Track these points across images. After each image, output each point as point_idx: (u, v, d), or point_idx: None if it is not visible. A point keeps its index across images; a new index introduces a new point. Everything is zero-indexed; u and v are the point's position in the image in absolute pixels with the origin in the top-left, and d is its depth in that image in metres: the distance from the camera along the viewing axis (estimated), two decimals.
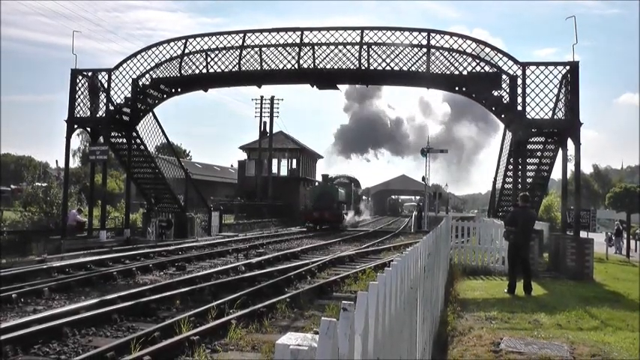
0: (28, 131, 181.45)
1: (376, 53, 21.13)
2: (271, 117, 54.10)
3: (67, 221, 23.53)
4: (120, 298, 10.55)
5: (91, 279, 13.40)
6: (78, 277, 13.35)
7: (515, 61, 19.62)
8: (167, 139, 27.40)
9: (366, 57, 21.13)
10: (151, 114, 25.34)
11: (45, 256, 17.43)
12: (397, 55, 20.85)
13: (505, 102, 19.76)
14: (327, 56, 21.59)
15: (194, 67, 23.07)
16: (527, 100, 19.15)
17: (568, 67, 18.90)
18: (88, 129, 25.17)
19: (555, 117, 19.15)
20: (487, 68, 19.98)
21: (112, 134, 24.66)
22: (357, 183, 52.23)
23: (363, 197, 63.52)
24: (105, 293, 11.54)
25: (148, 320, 9.58)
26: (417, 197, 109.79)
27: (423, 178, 51.04)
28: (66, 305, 10.41)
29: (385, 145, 69.56)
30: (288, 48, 22.00)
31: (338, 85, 24.28)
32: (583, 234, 19.87)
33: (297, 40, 21.95)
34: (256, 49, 22.29)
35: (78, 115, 23.68)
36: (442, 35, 20.57)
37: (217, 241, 24.89)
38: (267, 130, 54.34)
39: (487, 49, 20.09)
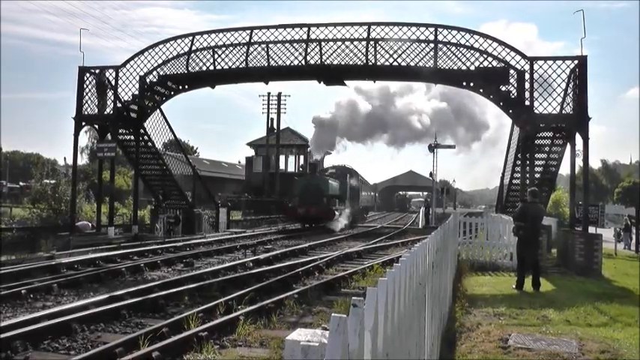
0: (37, 129, 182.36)
1: (383, 49, 21.10)
2: (278, 113, 54.17)
3: (77, 225, 23.58)
4: (128, 294, 10.58)
5: (99, 275, 13.44)
6: (86, 274, 13.39)
7: (523, 56, 19.55)
8: (175, 135, 27.45)
9: (374, 53, 21.09)
10: (158, 111, 25.39)
11: (54, 252, 17.52)
12: (404, 50, 20.82)
13: (513, 97, 19.69)
14: (334, 52, 21.57)
15: (201, 64, 23.10)
16: (535, 94, 19.09)
17: (576, 62, 18.79)
18: (96, 126, 25.19)
19: (563, 112, 19.07)
20: (495, 63, 19.90)
21: (120, 131, 24.71)
22: (354, 174, 45.17)
23: (370, 193, 62.83)
24: (113, 289, 11.56)
25: (156, 316, 9.61)
26: (425, 193, 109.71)
27: (431, 174, 50.87)
28: (75, 301, 10.45)
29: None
30: (295, 44, 21.99)
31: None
32: (591, 229, 19.77)
33: (304, 36, 21.93)
34: (263, 45, 22.29)
35: (86, 113, 23.74)
36: (449, 30, 20.51)
37: (225, 238, 24.90)
38: (275, 126, 54.34)
39: (495, 44, 20.01)
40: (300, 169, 57.78)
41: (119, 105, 23.81)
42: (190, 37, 23.27)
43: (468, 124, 34.27)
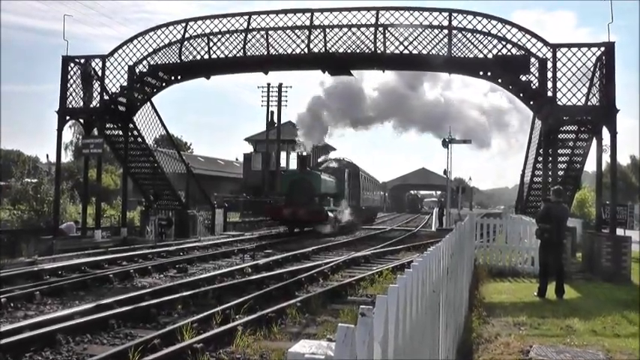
0: (17, 124, 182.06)
1: (393, 36, 21.09)
2: (279, 106, 54.05)
3: (61, 228, 23.64)
4: (117, 303, 10.59)
5: (85, 282, 13.47)
6: (71, 280, 13.41)
7: (545, 43, 19.51)
8: (167, 130, 27.50)
9: (382, 40, 21.09)
10: (148, 104, 25.44)
11: (36, 257, 17.54)
12: (416, 37, 20.80)
13: (534, 87, 19.68)
14: (339, 39, 21.57)
15: (195, 53, 23.14)
16: (558, 85, 19.08)
17: (603, 49, 18.76)
18: (81, 120, 25.30)
19: (589, 103, 19.03)
20: (514, 51, 19.89)
21: (107, 126, 24.76)
22: (354, 169, 41.53)
23: (379, 192, 62.42)
24: (101, 297, 11.59)
25: (147, 326, 9.62)
26: (439, 192, 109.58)
27: (445, 171, 50.73)
28: (59, 310, 10.48)
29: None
30: (297, 31, 22.00)
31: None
32: (620, 231, 19.72)
33: (307, 23, 21.94)
34: (262, 32, 22.30)
35: (70, 106, 23.80)
36: (465, 15, 20.50)
37: (221, 241, 24.93)
38: (275, 120, 54.28)
39: (514, 30, 19.99)
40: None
41: (106, 97, 23.87)
42: (183, 24, 23.30)
43: (519, 122, 33.15)
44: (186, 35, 23.14)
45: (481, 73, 21.11)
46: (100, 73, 23.93)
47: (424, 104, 34.06)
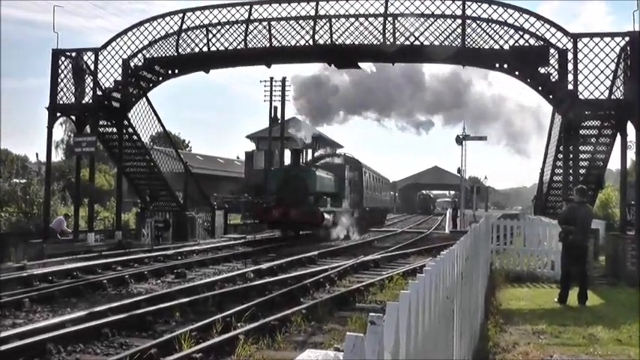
0: (4, 121, 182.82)
1: (403, 26, 21.05)
2: (283, 101, 53.83)
3: (51, 226, 23.69)
4: (111, 310, 10.60)
5: (77, 288, 13.47)
6: (63, 287, 13.44)
7: (565, 33, 19.46)
8: (163, 127, 27.50)
9: (392, 30, 21.05)
10: (144, 99, 25.43)
11: (25, 262, 17.58)
12: (427, 27, 20.77)
13: (553, 80, 19.61)
14: (346, 30, 21.55)
15: (193, 45, 23.14)
16: (580, 77, 19.01)
17: (627, 39, 18.68)
18: (73, 117, 25.31)
19: (613, 97, 18.96)
20: (532, 41, 19.83)
21: (100, 123, 24.79)
22: (356, 166, 39.11)
23: (388, 192, 62.17)
24: (94, 304, 11.60)
25: (143, 335, 9.63)
26: (452, 192, 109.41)
27: (459, 170, 50.67)
28: (49, 318, 10.49)
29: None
30: (301, 21, 21.99)
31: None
32: None
33: (312, 12, 21.92)
34: (264, 23, 22.29)
35: (61, 102, 23.82)
36: (479, 4, 20.44)
37: (222, 244, 24.95)
38: (278, 116, 54.20)
39: (532, 19, 19.95)
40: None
41: (99, 93, 23.89)
42: (181, 15, 23.31)
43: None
44: (184, 27, 23.14)
45: (497, 65, 21.05)
46: (92, 67, 23.94)
47: (475, 103, 34.38)
